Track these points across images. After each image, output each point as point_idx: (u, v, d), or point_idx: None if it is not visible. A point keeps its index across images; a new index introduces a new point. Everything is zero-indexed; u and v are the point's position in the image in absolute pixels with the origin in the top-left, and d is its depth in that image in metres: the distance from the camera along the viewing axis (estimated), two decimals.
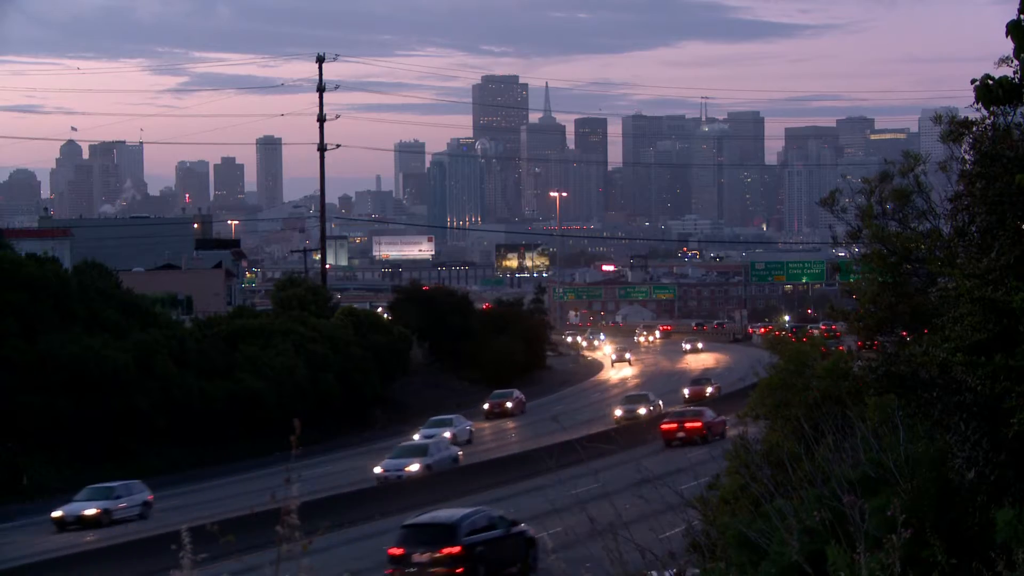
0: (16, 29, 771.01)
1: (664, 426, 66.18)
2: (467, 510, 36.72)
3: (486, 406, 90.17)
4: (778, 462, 16.93)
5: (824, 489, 13.84)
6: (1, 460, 63.91)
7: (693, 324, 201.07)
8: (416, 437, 70.47)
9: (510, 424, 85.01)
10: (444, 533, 34.36)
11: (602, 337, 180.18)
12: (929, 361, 14.35)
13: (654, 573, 14.46)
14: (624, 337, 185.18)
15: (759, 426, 28.67)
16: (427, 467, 58.36)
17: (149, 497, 54.63)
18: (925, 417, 14.85)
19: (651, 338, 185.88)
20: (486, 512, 36.66)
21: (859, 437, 14.90)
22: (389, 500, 52.06)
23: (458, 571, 33.71)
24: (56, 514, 52.12)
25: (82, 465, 66.18)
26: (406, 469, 58.06)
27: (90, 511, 51.89)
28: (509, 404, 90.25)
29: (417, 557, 33.79)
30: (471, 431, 75.10)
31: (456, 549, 34.04)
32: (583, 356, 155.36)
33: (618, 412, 77.47)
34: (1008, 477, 12.98)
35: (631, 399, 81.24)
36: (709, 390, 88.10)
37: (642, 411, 76.87)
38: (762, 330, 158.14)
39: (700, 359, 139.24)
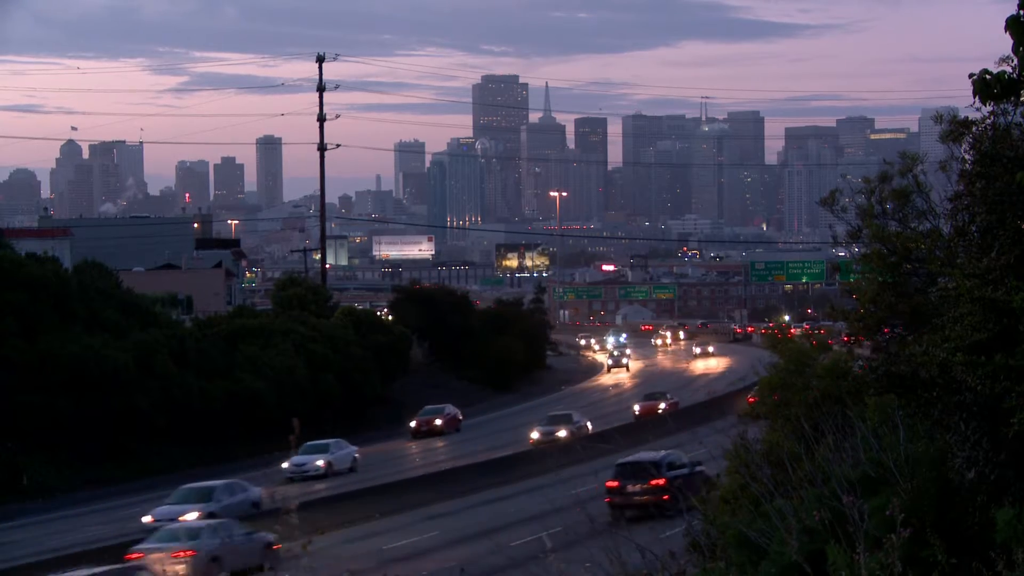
0: (17, 29, 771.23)
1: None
2: (664, 452, 45.83)
3: (412, 424, 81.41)
4: (778, 462, 16.94)
5: (824, 489, 13.85)
6: (1, 460, 63.91)
7: (698, 323, 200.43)
8: (286, 465, 61.26)
9: (439, 444, 76.15)
10: (651, 468, 43.13)
11: (623, 339, 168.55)
12: (929, 361, 14.35)
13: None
14: (641, 337, 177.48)
15: (759, 426, 28.68)
16: (209, 515, 45.61)
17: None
18: (925, 417, 14.85)
19: (670, 339, 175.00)
20: (678, 454, 45.40)
21: (859, 437, 14.90)
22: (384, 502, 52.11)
23: (664, 498, 40.89)
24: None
25: (82, 465, 66.24)
26: (181, 519, 44.31)
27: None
28: (439, 421, 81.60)
29: (631, 488, 43.40)
30: (356, 458, 65.60)
31: (661, 481, 42.69)
32: (584, 356, 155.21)
33: (535, 435, 69.07)
34: (1008, 477, 12.98)
35: (553, 419, 72.42)
36: (662, 406, 79.37)
37: (563, 433, 68.14)
38: (765, 329, 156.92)
39: (709, 364, 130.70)
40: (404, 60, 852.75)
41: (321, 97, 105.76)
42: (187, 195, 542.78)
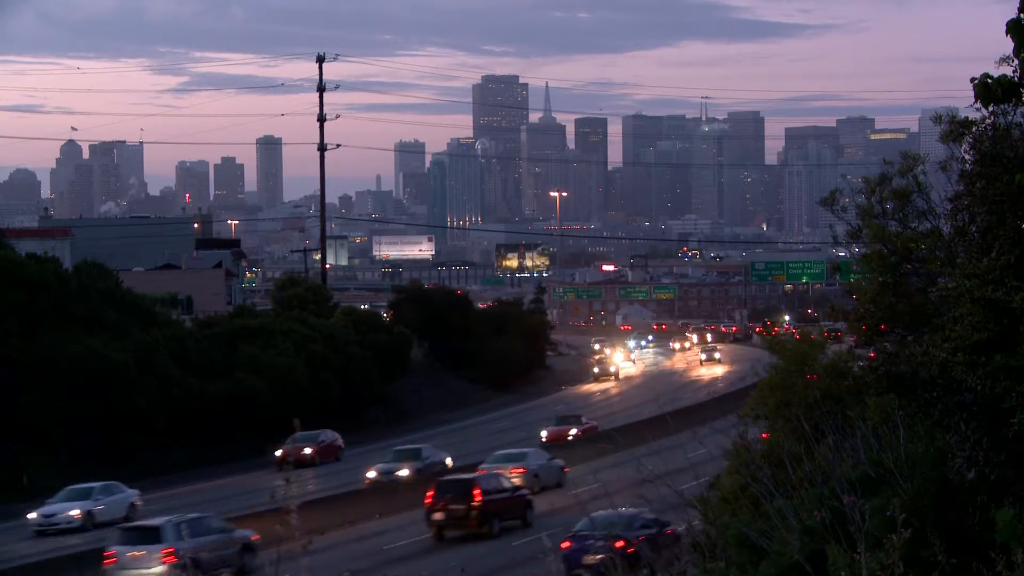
0: (18, 28, 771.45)
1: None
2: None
3: (278, 452, 67.57)
4: (778, 462, 16.93)
5: (824, 489, 13.85)
6: (1, 460, 63.92)
7: (702, 324, 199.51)
8: (33, 516, 52.41)
9: (308, 475, 63.76)
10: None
11: (645, 344, 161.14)
12: (929, 361, 14.36)
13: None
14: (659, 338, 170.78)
15: (759, 426, 28.67)
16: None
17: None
18: (925, 417, 14.86)
19: (691, 344, 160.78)
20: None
21: (859, 437, 14.90)
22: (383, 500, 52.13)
23: None
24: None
25: (82, 465, 66.19)
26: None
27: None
28: (308, 450, 68.81)
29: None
30: (135, 504, 53.96)
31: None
32: (584, 356, 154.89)
33: (371, 473, 58.78)
34: (1008, 477, 12.98)
35: (399, 454, 61.07)
36: (574, 432, 71.50)
37: (404, 472, 57.56)
38: (761, 327, 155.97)
39: (715, 372, 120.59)
40: (405, 60, 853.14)
41: (321, 97, 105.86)
42: (187, 195, 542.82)
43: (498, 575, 36.38)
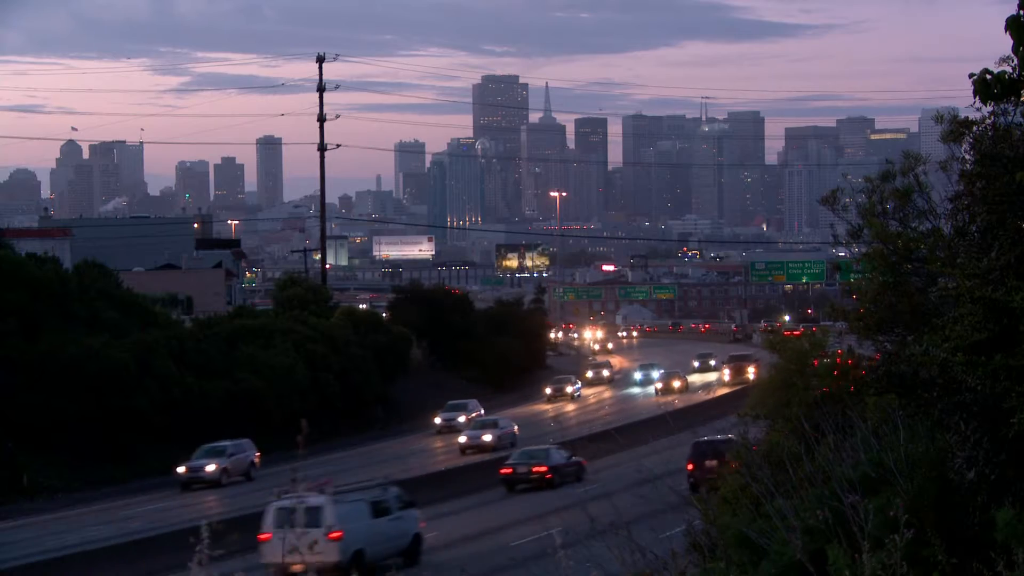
0: (21, 29, 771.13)
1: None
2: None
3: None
4: (778, 462, 16.93)
5: (824, 489, 13.85)
6: (1, 460, 63.93)
7: (700, 325, 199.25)
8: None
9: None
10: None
11: (657, 375, 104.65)
12: (929, 361, 14.35)
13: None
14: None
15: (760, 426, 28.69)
16: None
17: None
18: (925, 417, 14.85)
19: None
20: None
21: (859, 437, 14.90)
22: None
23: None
24: None
25: (82, 465, 66.23)
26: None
27: None
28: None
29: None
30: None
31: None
32: (584, 356, 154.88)
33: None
34: (1008, 477, 12.98)
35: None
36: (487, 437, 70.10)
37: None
38: (765, 325, 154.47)
39: (707, 378, 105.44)
40: (405, 60, 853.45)
41: (321, 97, 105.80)
42: (188, 196, 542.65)
43: (500, 574, 36.38)
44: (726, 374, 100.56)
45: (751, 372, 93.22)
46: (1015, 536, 11.75)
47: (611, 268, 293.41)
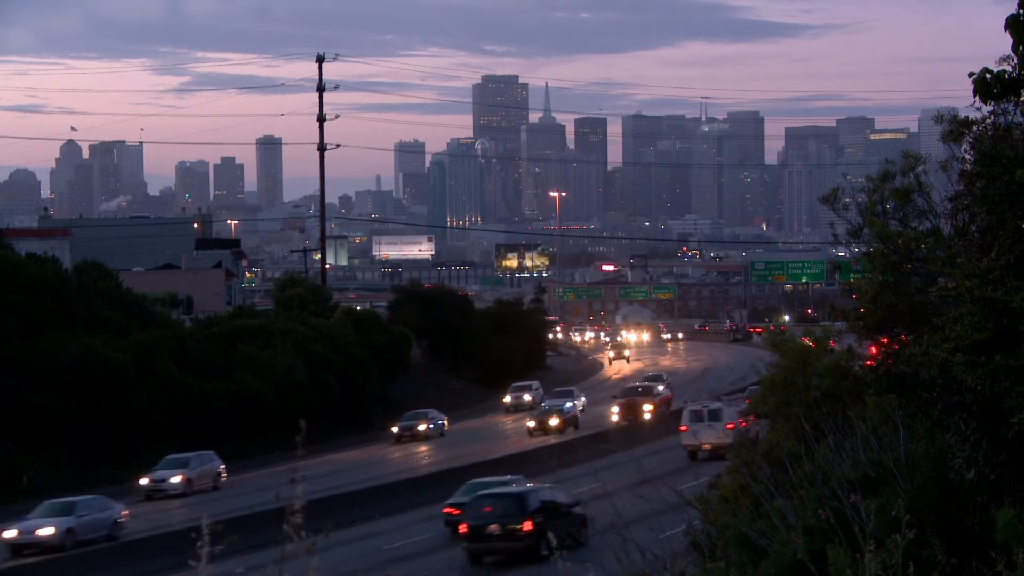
0: (21, 28, 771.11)
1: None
2: None
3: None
4: (778, 461, 16.93)
5: (824, 489, 13.84)
6: (1, 460, 63.91)
7: (697, 325, 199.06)
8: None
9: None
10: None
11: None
12: (929, 361, 14.35)
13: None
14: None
15: (760, 425, 28.67)
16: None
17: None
18: (925, 417, 14.85)
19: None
20: None
21: (859, 437, 14.90)
22: (394, 498, 52.16)
23: None
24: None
25: (82, 465, 66.21)
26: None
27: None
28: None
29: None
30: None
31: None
32: (584, 356, 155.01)
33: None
34: (1008, 477, 12.97)
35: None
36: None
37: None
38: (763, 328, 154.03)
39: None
40: (406, 60, 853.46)
41: (321, 97, 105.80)
42: (187, 195, 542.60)
43: (499, 573, 36.35)
44: (614, 413, 75.99)
45: (647, 412, 74.61)
46: (1015, 536, 11.75)
47: (611, 268, 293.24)
